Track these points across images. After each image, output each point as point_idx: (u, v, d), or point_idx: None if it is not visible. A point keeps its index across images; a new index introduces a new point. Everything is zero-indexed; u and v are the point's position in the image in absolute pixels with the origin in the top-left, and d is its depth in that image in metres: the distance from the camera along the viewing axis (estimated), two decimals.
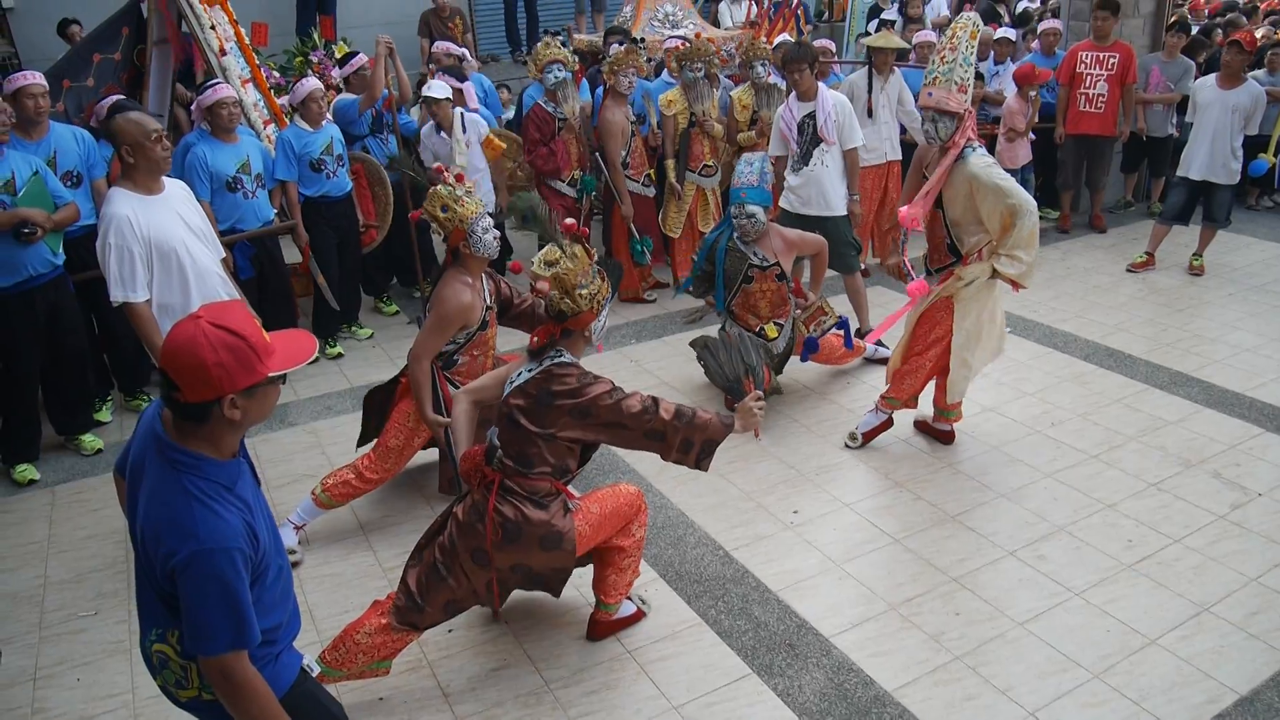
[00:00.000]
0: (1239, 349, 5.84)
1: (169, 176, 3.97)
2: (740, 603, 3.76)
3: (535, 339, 3.24)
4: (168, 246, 3.81)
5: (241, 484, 2.11)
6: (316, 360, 6.22)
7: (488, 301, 4.10)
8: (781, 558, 4.04)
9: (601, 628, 3.60)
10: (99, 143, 5.30)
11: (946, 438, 4.88)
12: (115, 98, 5.38)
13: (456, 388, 3.96)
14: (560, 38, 6.65)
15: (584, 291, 3.10)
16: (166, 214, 3.84)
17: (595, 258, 3.20)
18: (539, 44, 6.51)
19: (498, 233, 4.02)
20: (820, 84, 5.83)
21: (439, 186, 3.93)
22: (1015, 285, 4.31)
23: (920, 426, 5.01)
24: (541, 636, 3.63)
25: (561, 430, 3.12)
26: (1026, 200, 4.12)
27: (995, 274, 4.27)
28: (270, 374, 2.02)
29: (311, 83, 5.84)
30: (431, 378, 4.04)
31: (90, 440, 5.20)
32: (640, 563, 3.60)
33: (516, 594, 3.83)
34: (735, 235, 5.07)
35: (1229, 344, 5.91)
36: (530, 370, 3.18)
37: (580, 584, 3.82)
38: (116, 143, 3.73)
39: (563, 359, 3.16)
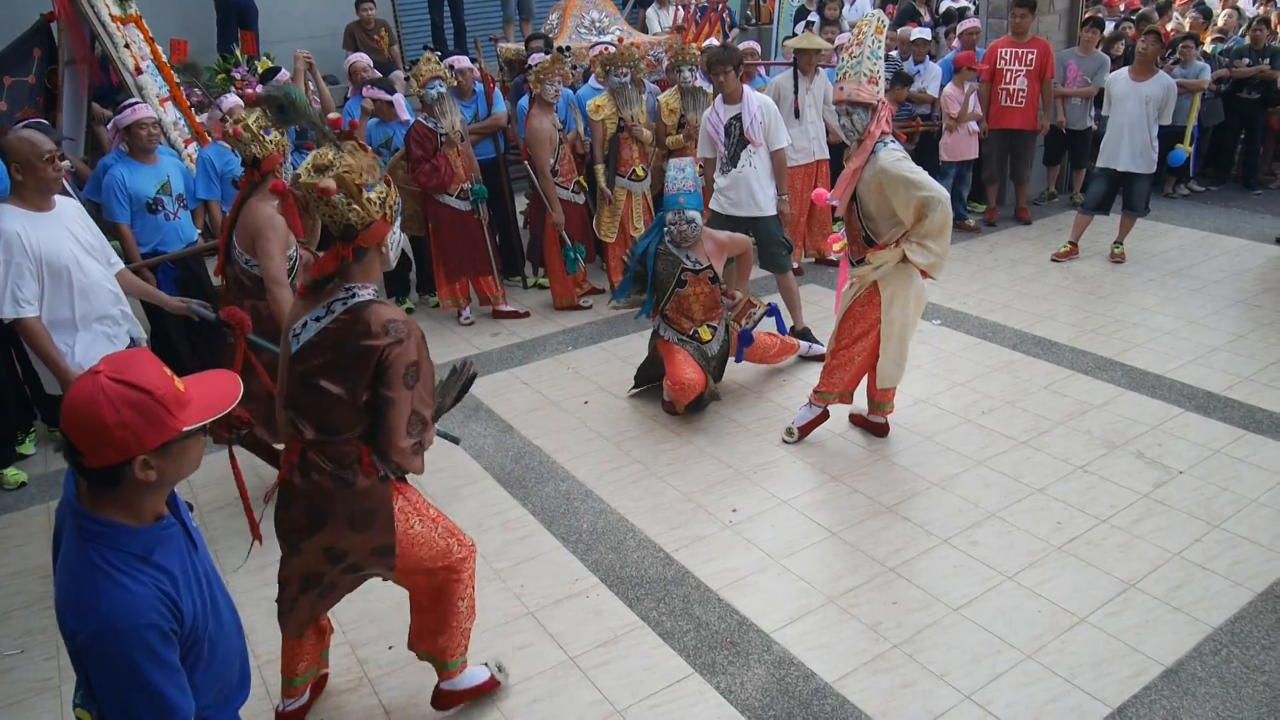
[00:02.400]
0: (1159, 332, 6.02)
1: (72, 195, 3.91)
2: (681, 603, 3.78)
3: (318, 266, 2.74)
4: (59, 263, 3.86)
5: (163, 551, 1.90)
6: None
7: None
8: (721, 556, 4.06)
9: (444, 698, 3.27)
10: None
11: (881, 430, 4.96)
12: (30, 120, 5.24)
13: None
14: (436, 54, 6.50)
15: (372, 195, 2.66)
16: (57, 231, 3.88)
17: (373, 159, 2.75)
18: (419, 60, 6.34)
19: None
20: (745, 86, 5.88)
21: (254, 112, 4.05)
22: (924, 274, 4.42)
23: (855, 420, 5.08)
24: (482, 648, 3.60)
25: (364, 390, 2.71)
26: (938, 191, 4.20)
27: (906, 260, 4.35)
28: (185, 428, 1.82)
29: (230, 100, 5.75)
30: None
31: (13, 474, 5.04)
32: (474, 608, 3.24)
33: None
34: (667, 239, 5.10)
35: (1149, 328, 6.09)
36: (319, 318, 2.71)
37: (523, 593, 3.81)
38: (7, 160, 3.73)
39: (365, 298, 2.70)
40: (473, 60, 7.27)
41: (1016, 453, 4.72)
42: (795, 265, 7.34)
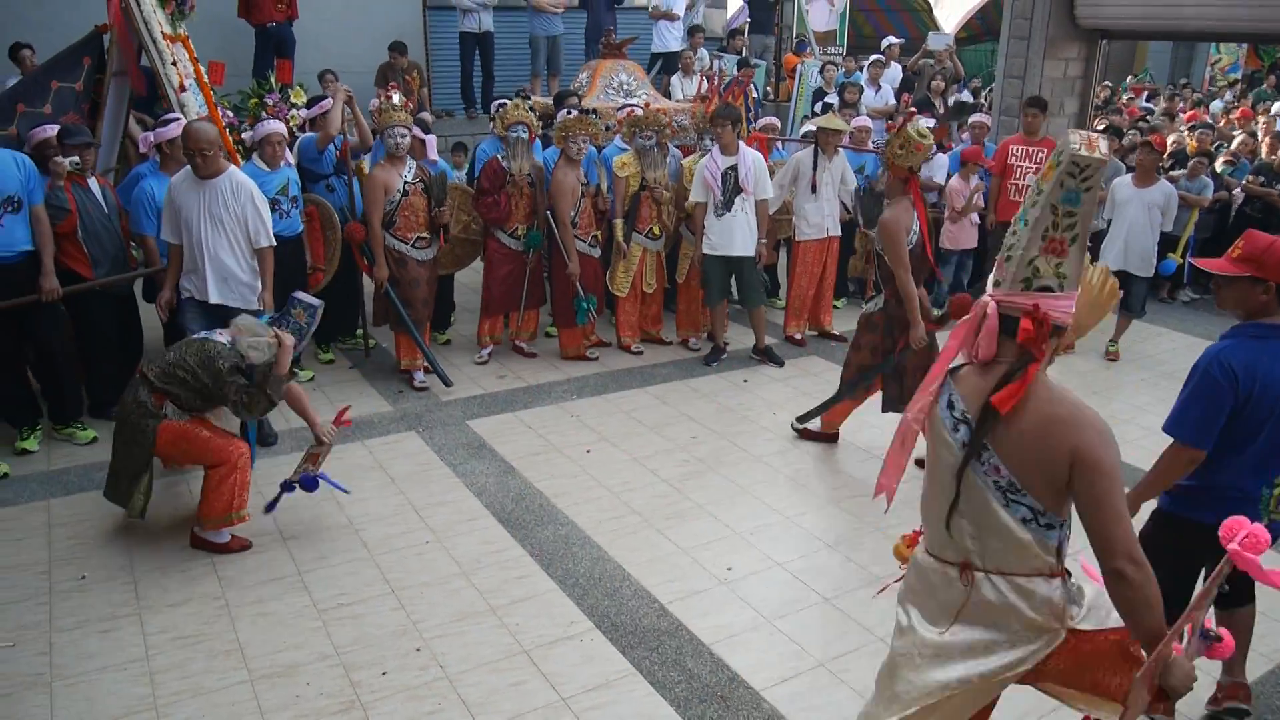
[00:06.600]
0: (1150, 431, 6.14)
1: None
2: (674, 654, 3.82)
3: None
4: (182, 220, 4.96)
5: None
6: None
7: (408, 178, 6.17)
8: (715, 612, 4.11)
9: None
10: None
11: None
12: (55, 126, 5.39)
13: (395, 239, 6.21)
14: (527, 102, 6.84)
15: None
16: (194, 198, 4.93)
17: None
18: (510, 103, 6.76)
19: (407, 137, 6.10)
20: (739, 141, 6.58)
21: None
22: None
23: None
24: (475, 682, 3.63)
25: None
26: None
27: None
28: None
29: (274, 124, 5.91)
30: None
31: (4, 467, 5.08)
32: None
33: (457, 633, 3.86)
34: None
35: (1140, 426, 6.23)
36: None
37: (517, 631, 3.85)
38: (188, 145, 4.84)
39: None
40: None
41: None
42: (799, 336, 7.53)
